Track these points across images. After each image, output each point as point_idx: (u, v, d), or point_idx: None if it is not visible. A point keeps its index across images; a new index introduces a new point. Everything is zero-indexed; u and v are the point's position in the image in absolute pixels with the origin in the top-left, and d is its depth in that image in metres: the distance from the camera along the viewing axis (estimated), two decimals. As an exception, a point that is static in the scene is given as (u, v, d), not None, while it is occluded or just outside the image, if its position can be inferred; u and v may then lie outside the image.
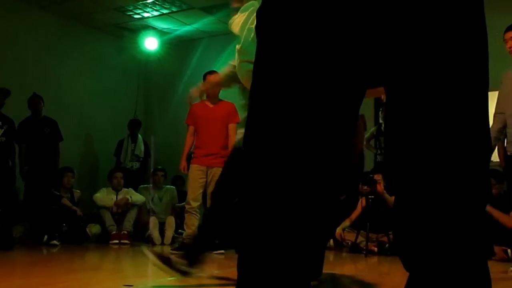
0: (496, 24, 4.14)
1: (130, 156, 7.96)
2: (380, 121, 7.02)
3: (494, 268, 4.18)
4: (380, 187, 5.97)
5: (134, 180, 7.47)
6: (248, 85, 1.12)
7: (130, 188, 7.12)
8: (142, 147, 8.06)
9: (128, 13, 8.14)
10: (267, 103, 1.02)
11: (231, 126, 5.66)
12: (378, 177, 6.10)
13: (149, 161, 8.27)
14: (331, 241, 6.19)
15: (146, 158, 8.16)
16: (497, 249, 5.24)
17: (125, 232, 6.64)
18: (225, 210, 3.18)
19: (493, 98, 6.52)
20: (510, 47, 4.19)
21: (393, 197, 5.32)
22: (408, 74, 0.98)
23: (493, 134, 4.33)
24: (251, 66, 1.11)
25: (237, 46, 1.64)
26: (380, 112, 7.04)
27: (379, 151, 6.91)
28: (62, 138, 6.95)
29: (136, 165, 7.98)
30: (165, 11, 8.01)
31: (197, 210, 5.69)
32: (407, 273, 1.06)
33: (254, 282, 1.02)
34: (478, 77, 1.00)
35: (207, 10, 7.91)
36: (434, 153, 0.97)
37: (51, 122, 6.90)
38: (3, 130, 6.12)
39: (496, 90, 6.39)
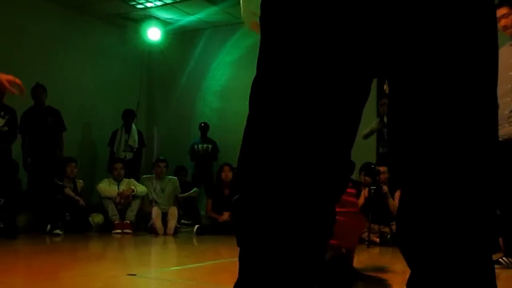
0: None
1: (124, 147, 7.93)
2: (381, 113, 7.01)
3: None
4: (382, 178, 5.99)
5: (128, 170, 7.43)
6: (255, 30, 1.10)
7: (131, 179, 7.13)
8: (136, 138, 8.02)
9: (131, 3, 8.12)
10: (270, 96, 1.01)
11: None
12: (383, 169, 6.09)
13: (143, 152, 8.26)
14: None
15: (140, 148, 8.14)
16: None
17: (128, 222, 6.66)
18: None
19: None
20: (503, 26, 3.92)
21: (396, 195, 5.23)
22: (413, 66, 0.97)
23: None
24: (256, 19, 1.10)
25: None
26: (379, 105, 7.01)
27: (381, 143, 6.89)
28: (65, 128, 6.95)
29: (130, 155, 7.93)
30: (168, 1, 7.99)
31: None
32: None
33: (256, 274, 1.02)
34: (485, 69, 0.98)
35: (211, 0, 7.90)
36: (439, 147, 0.96)
37: (54, 112, 6.89)
38: (4, 120, 6.12)
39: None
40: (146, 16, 8.56)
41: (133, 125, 8.08)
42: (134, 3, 8.11)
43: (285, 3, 1.01)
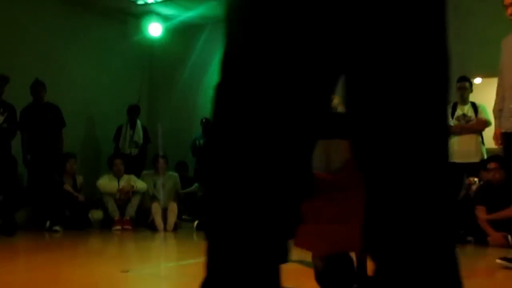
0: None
1: (129, 142, 7.92)
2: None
3: (495, 254, 4.14)
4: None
5: (133, 166, 7.44)
6: None
7: (131, 175, 7.11)
8: (141, 134, 8.01)
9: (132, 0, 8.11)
10: (236, 101, 1.02)
11: None
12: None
13: (148, 148, 8.25)
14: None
15: (145, 144, 8.13)
16: (497, 235, 5.21)
17: (128, 218, 6.65)
18: None
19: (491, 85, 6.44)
20: (509, 14, 3.81)
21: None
22: (369, 65, 0.99)
23: (494, 114, 4.15)
24: None
25: None
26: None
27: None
28: (65, 124, 6.88)
29: (135, 151, 7.93)
30: (168, -4, 7.97)
31: None
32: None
33: (223, 266, 1.05)
34: (437, 70, 1.02)
35: (212, -5, 7.86)
36: (394, 147, 0.99)
37: (53, 108, 6.82)
38: (4, 116, 6.11)
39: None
40: (146, 12, 8.52)
41: (138, 121, 8.08)
42: (134, -2, 8.09)
43: (250, 7, 1.02)
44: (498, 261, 3.86)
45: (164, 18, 8.69)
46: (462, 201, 6.00)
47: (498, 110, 4.03)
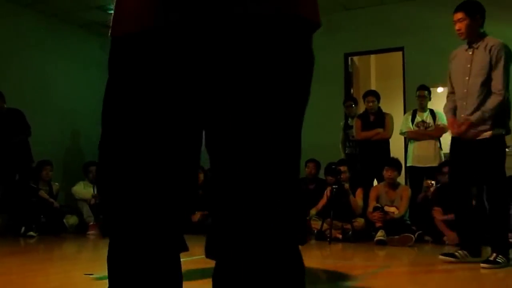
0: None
1: None
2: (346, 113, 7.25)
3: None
4: (344, 177, 6.22)
5: None
6: None
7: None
8: None
9: (110, 12, 8.21)
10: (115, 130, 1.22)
11: None
12: (343, 168, 6.32)
13: None
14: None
15: None
16: (453, 234, 5.41)
17: (103, 223, 6.82)
18: None
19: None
20: (458, 29, 4.13)
21: (357, 193, 5.43)
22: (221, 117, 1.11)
23: (444, 110, 4.41)
24: None
25: None
26: (344, 107, 7.25)
27: (347, 144, 7.09)
28: (30, 126, 6.76)
29: None
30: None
31: None
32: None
33: (122, 262, 1.22)
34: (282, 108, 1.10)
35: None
36: (240, 168, 1.08)
37: (15, 113, 6.69)
38: None
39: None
40: (125, 23, 8.62)
41: None
42: (112, 11, 8.22)
43: (125, 74, 1.17)
44: (441, 257, 4.17)
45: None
46: (420, 203, 6.27)
47: (450, 109, 4.26)
